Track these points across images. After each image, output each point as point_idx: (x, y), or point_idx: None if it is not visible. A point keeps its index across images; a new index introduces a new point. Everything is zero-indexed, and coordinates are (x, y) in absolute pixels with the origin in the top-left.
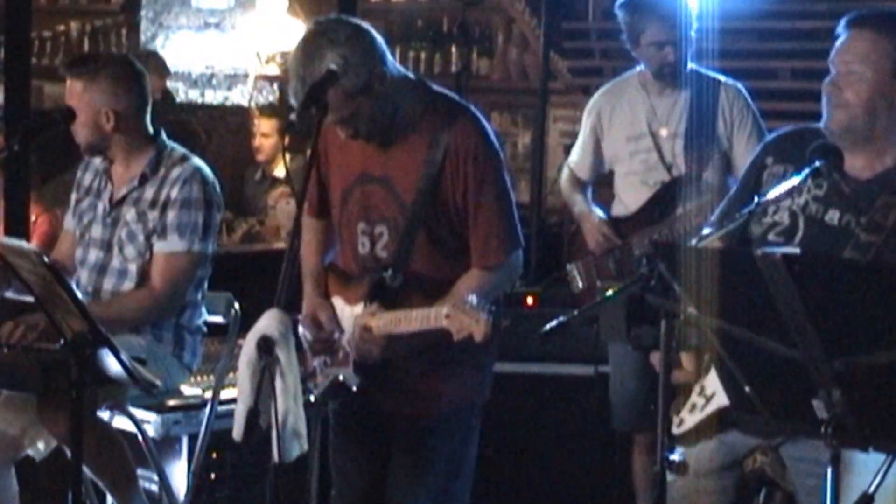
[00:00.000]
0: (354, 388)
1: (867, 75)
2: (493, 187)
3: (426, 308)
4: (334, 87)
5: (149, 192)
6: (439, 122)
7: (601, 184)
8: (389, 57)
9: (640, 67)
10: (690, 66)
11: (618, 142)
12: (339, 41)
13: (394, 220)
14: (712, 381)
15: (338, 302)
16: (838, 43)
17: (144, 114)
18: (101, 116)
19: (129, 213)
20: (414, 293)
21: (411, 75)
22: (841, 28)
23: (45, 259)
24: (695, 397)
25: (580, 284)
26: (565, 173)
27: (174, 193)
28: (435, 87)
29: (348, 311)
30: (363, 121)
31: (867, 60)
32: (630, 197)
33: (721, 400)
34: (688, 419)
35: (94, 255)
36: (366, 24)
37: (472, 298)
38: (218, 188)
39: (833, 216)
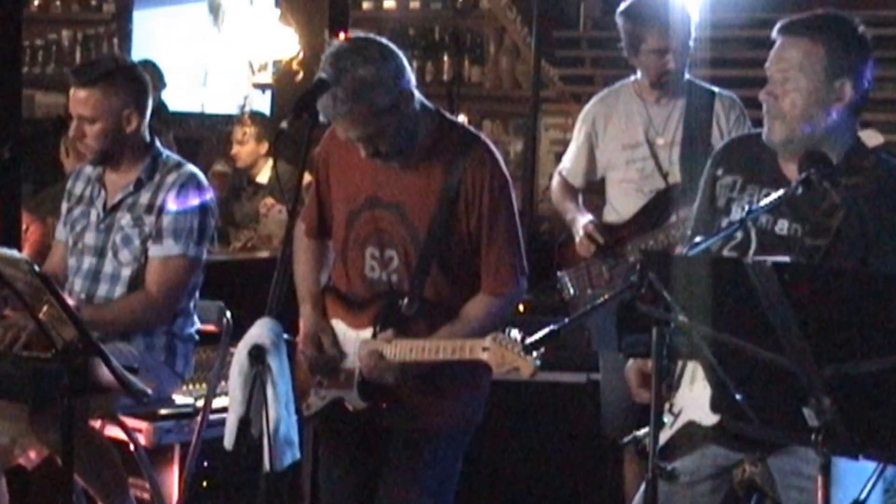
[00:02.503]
0: (351, 409)
1: (802, 84)
2: (505, 216)
3: (456, 339)
4: (361, 104)
5: (144, 198)
6: (455, 150)
7: (590, 191)
8: (413, 80)
9: (634, 76)
10: (686, 75)
11: (613, 149)
12: (372, 58)
13: (403, 247)
14: (680, 398)
15: (339, 325)
16: (772, 51)
17: (146, 120)
18: (123, 120)
19: (125, 219)
20: (422, 319)
21: (427, 102)
22: (774, 34)
23: (36, 268)
24: (664, 416)
25: (571, 292)
26: (556, 180)
27: (170, 198)
28: (448, 115)
29: (352, 335)
30: (386, 140)
31: (801, 68)
32: (624, 204)
33: (689, 415)
34: (659, 437)
35: (87, 262)
36: (393, 46)
37: (515, 333)
38: (213, 195)
39: (782, 226)
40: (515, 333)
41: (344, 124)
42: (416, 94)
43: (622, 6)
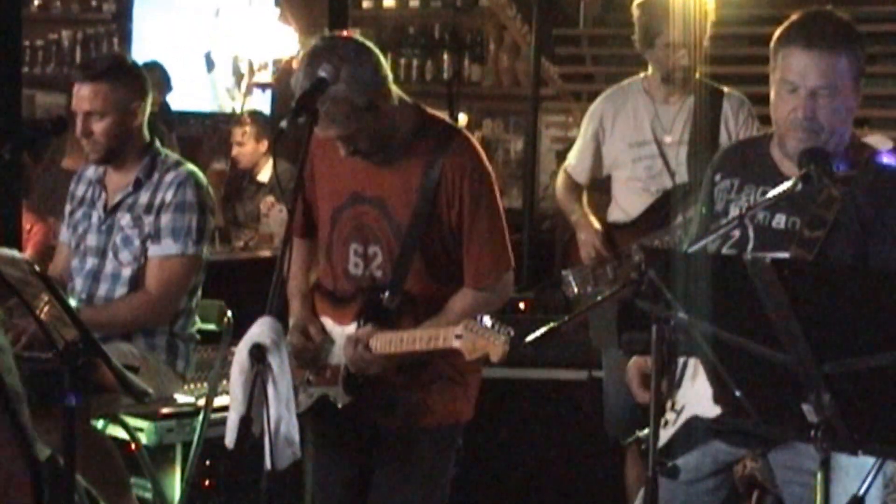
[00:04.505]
0: (340, 406)
1: (840, 97)
2: (487, 208)
3: (432, 328)
4: (341, 104)
5: (143, 197)
6: (434, 143)
7: (596, 189)
8: (390, 75)
9: (644, 73)
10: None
11: (619, 147)
12: (348, 58)
13: (387, 242)
14: (682, 395)
15: (326, 322)
16: (794, 63)
17: (146, 117)
18: (130, 113)
19: (125, 219)
20: (406, 314)
21: (406, 97)
22: (790, 45)
23: (37, 268)
24: (667, 414)
25: (575, 290)
26: (561, 177)
27: (168, 197)
28: (428, 109)
29: (339, 331)
30: (365, 138)
31: (837, 81)
32: (630, 203)
33: (692, 410)
34: (661, 435)
35: (89, 262)
36: (369, 43)
37: (486, 320)
38: (212, 193)
39: (780, 220)
40: (487, 320)
41: (322, 124)
42: (394, 89)
43: None
